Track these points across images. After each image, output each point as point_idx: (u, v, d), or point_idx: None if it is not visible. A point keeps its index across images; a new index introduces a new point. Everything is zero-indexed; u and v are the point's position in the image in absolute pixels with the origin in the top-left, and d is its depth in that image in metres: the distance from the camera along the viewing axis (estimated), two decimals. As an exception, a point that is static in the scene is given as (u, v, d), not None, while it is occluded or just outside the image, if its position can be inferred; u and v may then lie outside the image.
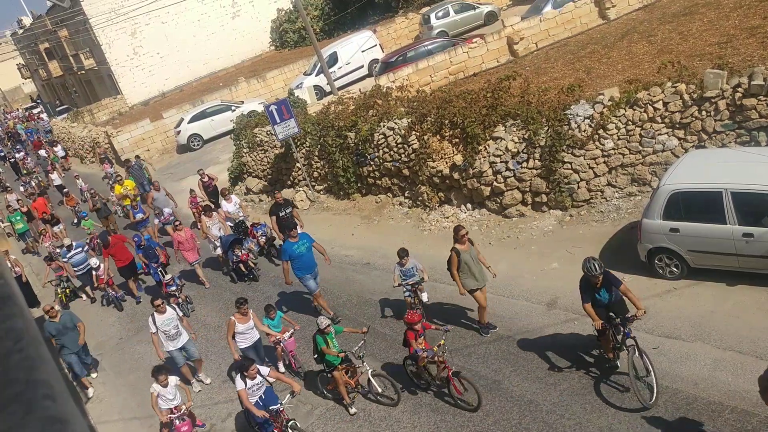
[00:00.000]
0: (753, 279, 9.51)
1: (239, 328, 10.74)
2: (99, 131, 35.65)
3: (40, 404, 0.73)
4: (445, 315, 11.41)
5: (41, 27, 54.12)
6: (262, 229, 16.19)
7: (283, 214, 14.30)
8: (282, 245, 12.59)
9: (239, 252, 14.97)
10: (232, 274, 15.49)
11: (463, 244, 9.98)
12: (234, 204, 16.86)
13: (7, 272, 0.88)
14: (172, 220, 17.97)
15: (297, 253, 11.75)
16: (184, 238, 15.11)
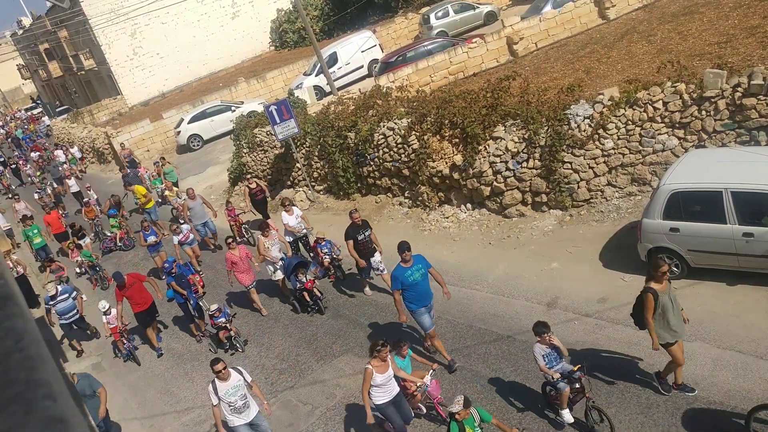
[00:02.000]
0: (753, 278, 9.52)
1: (378, 379, 8.21)
2: (99, 132, 35.65)
3: (41, 404, 0.73)
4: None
5: (41, 27, 54.14)
6: (327, 246, 13.88)
7: (362, 238, 12.17)
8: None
9: (304, 278, 12.78)
10: (294, 303, 13.29)
11: (661, 283, 7.87)
12: (295, 216, 14.50)
13: (7, 272, 0.88)
14: (191, 239, 16.43)
15: (411, 281, 9.51)
16: (239, 257, 13.13)
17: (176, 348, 13.75)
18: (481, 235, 14.08)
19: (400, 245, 9.73)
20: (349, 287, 13.58)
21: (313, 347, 11.87)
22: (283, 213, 14.54)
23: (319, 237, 13.86)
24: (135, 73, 45.30)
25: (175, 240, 16.08)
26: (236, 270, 13.15)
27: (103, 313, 13.49)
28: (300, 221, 14.53)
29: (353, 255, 12.23)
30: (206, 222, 17.39)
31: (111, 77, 46.01)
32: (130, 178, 23.47)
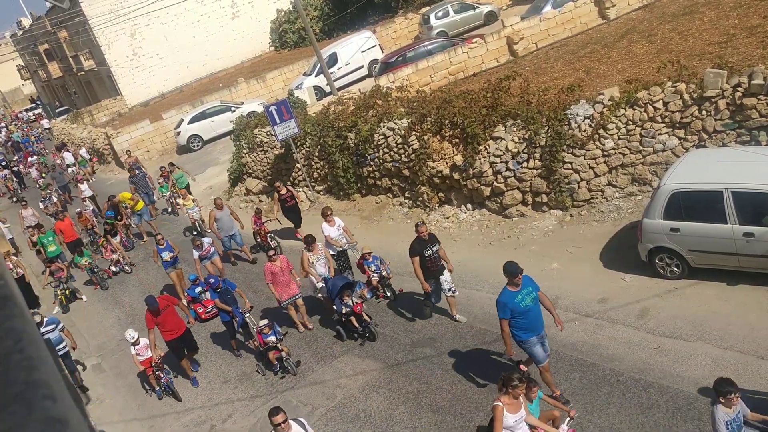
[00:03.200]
0: (754, 278, 9.51)
1: (509, 420, 7.02)
2: (99, 132, 35.65)
3: (40, 405, 0.72)
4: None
5: (41, 28, 54.16)
6: (374, 263, 12.44)
7: (429, 254, 10.60)
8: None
9: (350, 300, 11.32)
10: (339, 329, 11.74)
11: None
12: (337, 228, 13.15)
13: (7, 273, 0.87)
14: (212, 252, 14.90)
15: (522, 308, 8.24)
16: (279, 268, 11.79)
17: (176, 348, 13.73)
18: (481, 236, 14.07)
19: (510, 267, 8.31)
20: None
21: (314, 348, 11.86)
22: (324, 224, 13.09)
23: (365, 252, 12.55)
24: (135, 73, 45.30)
25: (195, 255, 14.51)
26: (276, 282, 11.85)
27: (131, 343, 11.68)
28: (342, 233, 13.14)
29: (419, 276, 10.66)
30: (234, 234, 15.99)
31: (111, 78, 46.02)
32: (138, 179, 22.29)
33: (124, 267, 18.50)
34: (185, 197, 19.31)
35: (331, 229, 13.12)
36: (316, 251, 12.09)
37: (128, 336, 11.79)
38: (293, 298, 12.10)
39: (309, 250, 12.09)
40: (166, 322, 11.63)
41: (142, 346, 11.79)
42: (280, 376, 11.20)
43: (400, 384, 10.09)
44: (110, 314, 16.53)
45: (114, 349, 14.67)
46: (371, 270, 12.38)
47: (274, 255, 11.98)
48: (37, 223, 21.63)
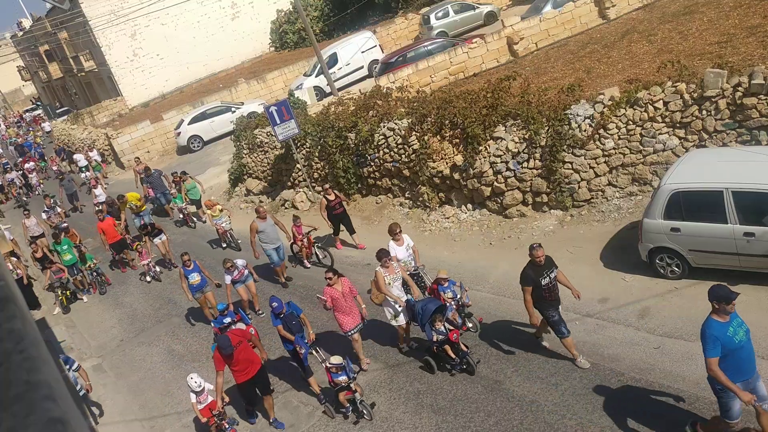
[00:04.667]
0: (754, 278, 9.51)
1: None
2: (99, 133, 35.63)
3: (41, 405, 0.72)
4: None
5: (41, 29, 54.15)
6: (451, 288, 10.65)
7: (546, 282, 8.90)
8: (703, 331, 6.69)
9: (443, 326, 9.73)
10: (428, 359, 10.04)
11: None
12: (406, 247, 11.44)
13: (8, 274, 0.87)
14: (246, 275, 13.19)
15: (736, 344, 6.54)
16: (341, 293, 10.17)
17: (177, 349, 13.74)
18: (481, 236, 14.07)
19: (722, 291, 6.57)
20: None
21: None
22: (390, 243, 11.31)
23: (441, 277, 10.67)
24: (135, 74, 45.31)
25: (228, 279, 12.79)
26: (337, 309, 10.22)
27: (195, 392, 9.95)
28: (410, 254, 11.42)
29: (528, 308, 9.01)
30: (279, 247, 14.29)
31: (111, 78, 46.02)
32: (154, 178, 21.50)
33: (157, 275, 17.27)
34: (211, 207, 17.62)
35: (399, 249, 11.27)
36: (391, 270, 10.34)
37: (193, 384, 9.92)
38: (357, 328, 10.46)
39: (385, 266, 10.33)
40: (239, 361, 9.69)
41: (206, 394, 10.10)
42: (352, 420, 9.64)
43: (400, 384, 10.09)
44: (111, 314, 16.53)
45: (115, 350, 14.68)
46: (448, 297, 10.48)
47: (333, 277, 10.21)
48: (41, 233, 21.07)
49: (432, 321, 9.75)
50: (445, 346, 9.69)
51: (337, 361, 9.49)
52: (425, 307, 9.81)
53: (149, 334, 14.75)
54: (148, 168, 22.30)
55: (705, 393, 7.95)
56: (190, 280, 13.24)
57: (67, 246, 17.96)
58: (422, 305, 9.88)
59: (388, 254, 10.58)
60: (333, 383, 9.63)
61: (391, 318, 10.47)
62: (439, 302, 10.05)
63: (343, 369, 9.50)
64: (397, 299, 10.21)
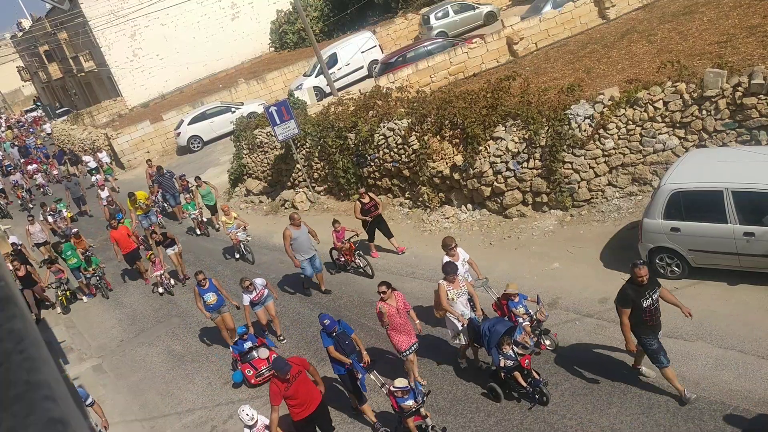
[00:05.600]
0: (754, 278, 9.51)
1: None
2: (99, 133, 35.61)
3: (41, 405, 0.72)
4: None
5: (41, 29, 54.15)
6: (521, 304, 9.68)
7: (648, 304, 7.80)
8: None
9: (510, 350, 8.71)
10: (494, 386, 9.02)
11: None
12: (462, 262, 10.26)
13: (8, 274, 0.87)
14: (266, 296, 12.13)
15: None
16: (395, 309, 9.28)
17: (177, 349, 13.74)
18: (481, 236, 14.07)
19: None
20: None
21: (314, 348, 11.84)
22: (444, 258, 10.21)
23: (509, 292, 9.70)
24: (135, 74, 45.32)
25: (246, 300, 11.79)
26: (392, 326, 9.31)
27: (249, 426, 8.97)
28: (467, 268, 10.40)
29: (625, 332, 7.96)
30: (313, 257, 13.29)
31: (111, 79, 46.03)
32: (165, 179, 20.84)
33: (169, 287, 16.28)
34: (227, 213, 16.61)
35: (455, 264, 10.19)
36: (456, 284, 9.41)
37: (245, 417, 8.89)
38: (413, 348, 9.54)
39: (450, 281, 9.40)
40: (298, 393, 8.46)
41: (260, 427, 9.01)
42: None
43: (400, 384, 10.07)
44: (111, 315, 16.53)
45: (115, 350, 14.68)
46: (519, 312, 9.59)
47: (387, 291, 9.32)
48: (45, 240, 20.57)
49: (499, 344, 8.73)
50: (515, 373, 8.69)
51: (402, 384, 8.44)
52: (493, 329, 8.77)
53: (149, 335, 14.75)
54: (161, 168, 21.63)
55: (705, 393, 7.96)
56: (205, 300, 12.14)
57: (71, 251, 17.59)
58: (489, 326, 8.87)
59: (456, 270, 9.55)
60: (399, 409, 8.51)
61: (453, 337, 9.71)
62: (509, 323, 9.04)
63: (410, 392, 8.48)
64: (460, 317, 9.29)
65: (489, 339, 8.76)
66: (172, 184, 20.92)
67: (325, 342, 9.20)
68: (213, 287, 12.28)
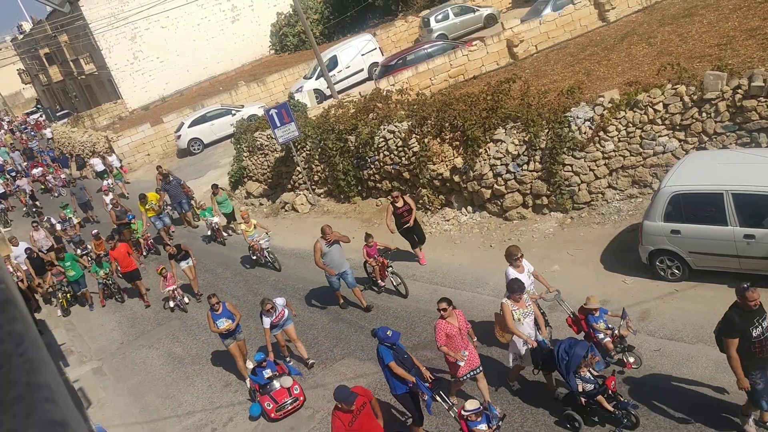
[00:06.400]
0: (754, 280, 9.47)
1: None
2: (99, 136, 35.61)
3: (41, 407, 0.72)
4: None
5: (41, 32, 54.19)
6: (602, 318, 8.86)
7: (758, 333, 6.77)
8: None
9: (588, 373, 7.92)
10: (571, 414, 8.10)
11: None
12: (527, 273, 9.35)
13: (8, 276, 0.87)
14: (286, 317, 11.24)
15: None
16: (457, 328, 8.48)
17: (177, 352, 13.74)
18: (482, 238, 14.07)
19: None
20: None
21: (314, 351, 11.85)
22: (509, 270, 9.34)
23: (590, 306, 8.82)
24: (135, 77, 45.35)
25: (266, 323, 10.92)
26: (450, 347, 8.47)
27: None
28: (532, 281, 9.41)
29: (737, 371, 6.85)
30: (345, 272, 12.47)
31: (111, 81, 46.06)
32: (172, 186, 20.24)
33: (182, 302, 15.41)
34: (247, 221, 15.94)
35: (521, 276, 9.25)
36: (522, 304, 8.51)
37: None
38: (475, 371, 8.69)
39: (515, 300, 8.48)
40: (362, 429, 7.51)
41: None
42: None
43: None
44: (111, 317, 16.52)
45: (115, 353, 14.67)
46: (600, 327, 8.74)
47: (449, 308, 8.45)
48: (51, 246, 20.00)
49: (577, 369, 7.87)
50: (599, 397, 7.74)
51: (473, 407, 7.76)
52: (572, 351, 7.84)
53: (149, 337, 14.74)
54: (167, 175, 20.79)
55: (706, 394, 7.94)
56: (219, 326, 11.27)
57: (71, 262, 17.08)
58: (566, 348, 7.93)
59: (523, 288, 8.57)
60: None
61: (514, 359, 8.82)
62: (586, 344, 8.13)
63: (483, 415, 7.85)
64: (529, 340, 8.39)
65: (567, 363, 7.87)
66: (179, 191, 20.42)
67: (386, 357, 8.23)
68: (227, 312, 11.41)
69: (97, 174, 29.43)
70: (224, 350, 12.84)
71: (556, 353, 8.02)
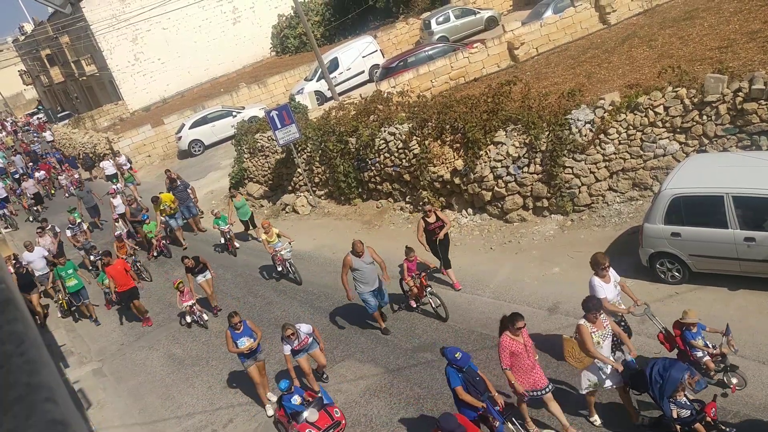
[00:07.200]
0: (755, 283, 9.50)
1: None
2: (100, 137, 35.64)
3: (42, 407, 0.73)
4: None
5: (43, 33, 54.24)
6: (699, 335, 8.09)
7: None
8: None
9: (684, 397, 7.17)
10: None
11: None
12: (613, 283, 8.52)
13: (8, 277, 0.88)
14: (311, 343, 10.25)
15: None
16: (523, 345, 7.82)
17: (177, 353, 13.73)
18: (482, 240, 14.07)
19: None
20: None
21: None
22: (594, 279, 8.48)
23: (688, 320, 8.05)
24: (136, 78, 45.40)
25: (287, 350, 9.96)
26: (516, 368, 7.83)
27: None
28: (619, 291, 8.61)
29: None
30: (378, 290, 11.47)
31: (112, 83, 46.11)
32: (179, 190, 19.56)
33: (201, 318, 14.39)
34: (267, 230, 14.69)
35: (607, 288, 8.40)
36: (599, 325, 7.58)
37: None
38: (541, 392, 7.92)
39: (591, 321, 7.55)
40: None
41: None
42: None
43: (401, 389, 10.07)
44: (111, 318, 16.51)
45: (115, 354, 14.67)
46: (698, 345, 7.95)
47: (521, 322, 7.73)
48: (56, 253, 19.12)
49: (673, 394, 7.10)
50: (696, 425, 6.98)
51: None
52: (668, 374, 7.04)
53: (149, 338, 14.74)
54: (175, 180, 20.07)
55: (705, 396, 7.93)
56: (239, 345, 10.34)
57: (72, 270, 16.20)
58: (660, 370, 7.15)
59: (600, 306, 7.65)
60: None
61: (589, 386, 7.81)
62: (685, 366, 7.31)
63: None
64: (615, 364, 7.48)
65: (663, 387, 7.07)
66: (187, 195, 19.78)
67: (453, 381, 7.64)
68: (248, 330, 10.50)
69: (108, 177, 28.40)
70: (224, 351, 12.83)
71: (647, 374, 7.21)
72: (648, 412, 7.70)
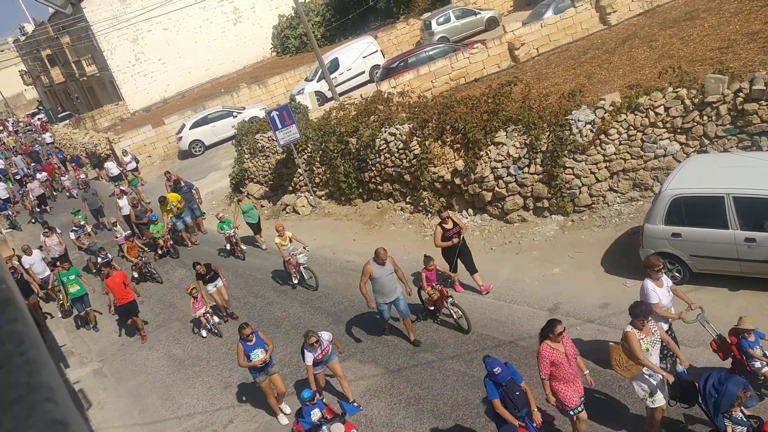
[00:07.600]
0: (755, 284, 9.50)
1: None
2: (101, 137, 35.64)
3: (42, 407, 0.73)
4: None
5: (43, 33, 54.27)
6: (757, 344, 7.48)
7: None
8: None
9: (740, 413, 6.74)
10: None
11: None
12: (666, 288, 8.16)
13: (8, 277, 0.88)
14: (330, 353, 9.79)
15: None
16: (564, 356, 7.33)
17: (177, 353, 13.73)
18: (482, 241, 14.07)
19: None
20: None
21: None
22: (646, 283, 8.13)
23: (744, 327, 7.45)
24: (137, 78, 45.42)
25: (308, 359, 9.47)
26: (556, 378, 7.37)
27: None
28: (671, 296, 8.21)
29: None
30: (397, 300, 10.93)
31: (113, 83, 46.13)
32: (183, 192, 19.29)
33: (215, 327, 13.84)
34: (281, 234, 14.26)
35: (661, 292, 8.03)
36: (647, 331, 7.18)
37: None
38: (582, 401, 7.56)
39: (638, 327, 7.14)
40: None
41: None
42: None
43: (401, 389, 10.07)
44: (111, 319, 16.49)
45: (115, 354, 14.67)
46: (756, 354, 7.36)
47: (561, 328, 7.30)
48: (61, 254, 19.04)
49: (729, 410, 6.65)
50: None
51: None
52: (724, 388, 6.59)
53: (150, 339, 14.73)
54: (178, 181, 19.83)
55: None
56: (252, 358, 9.84)
57: (75, 276, 15.70)
58: (715, 383, 6.71)
59: (649, 312, 7.30)
60: None
61: (645, 396, 7.30)
62: (741, 380, 6.77)
63: None
64: (664, 374, 7.06)
65: (718, 401, 6.63)
66: (191, 197, 19.50)
67: (491, 393, 7.34)
68: (261, 342, 10.01)
69: (111, 178, 27.84)
70: (224, 352, 12.86)
71: (701, 387, 6.80)
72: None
